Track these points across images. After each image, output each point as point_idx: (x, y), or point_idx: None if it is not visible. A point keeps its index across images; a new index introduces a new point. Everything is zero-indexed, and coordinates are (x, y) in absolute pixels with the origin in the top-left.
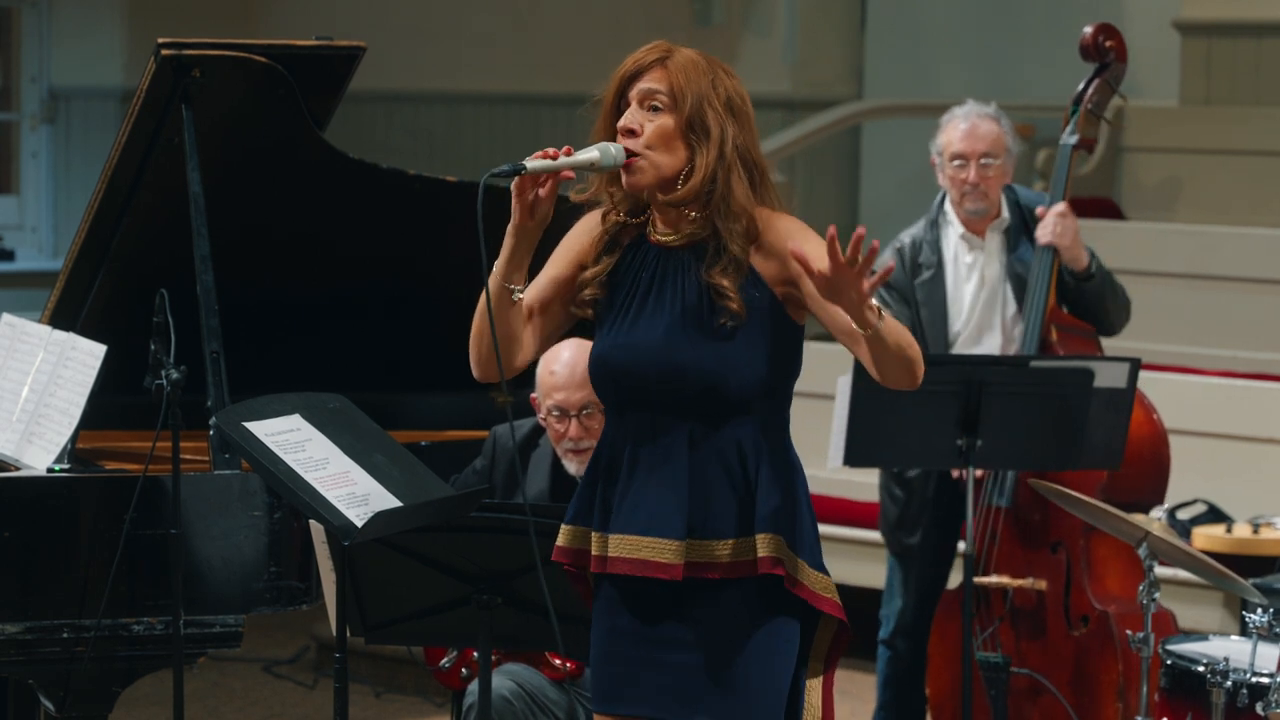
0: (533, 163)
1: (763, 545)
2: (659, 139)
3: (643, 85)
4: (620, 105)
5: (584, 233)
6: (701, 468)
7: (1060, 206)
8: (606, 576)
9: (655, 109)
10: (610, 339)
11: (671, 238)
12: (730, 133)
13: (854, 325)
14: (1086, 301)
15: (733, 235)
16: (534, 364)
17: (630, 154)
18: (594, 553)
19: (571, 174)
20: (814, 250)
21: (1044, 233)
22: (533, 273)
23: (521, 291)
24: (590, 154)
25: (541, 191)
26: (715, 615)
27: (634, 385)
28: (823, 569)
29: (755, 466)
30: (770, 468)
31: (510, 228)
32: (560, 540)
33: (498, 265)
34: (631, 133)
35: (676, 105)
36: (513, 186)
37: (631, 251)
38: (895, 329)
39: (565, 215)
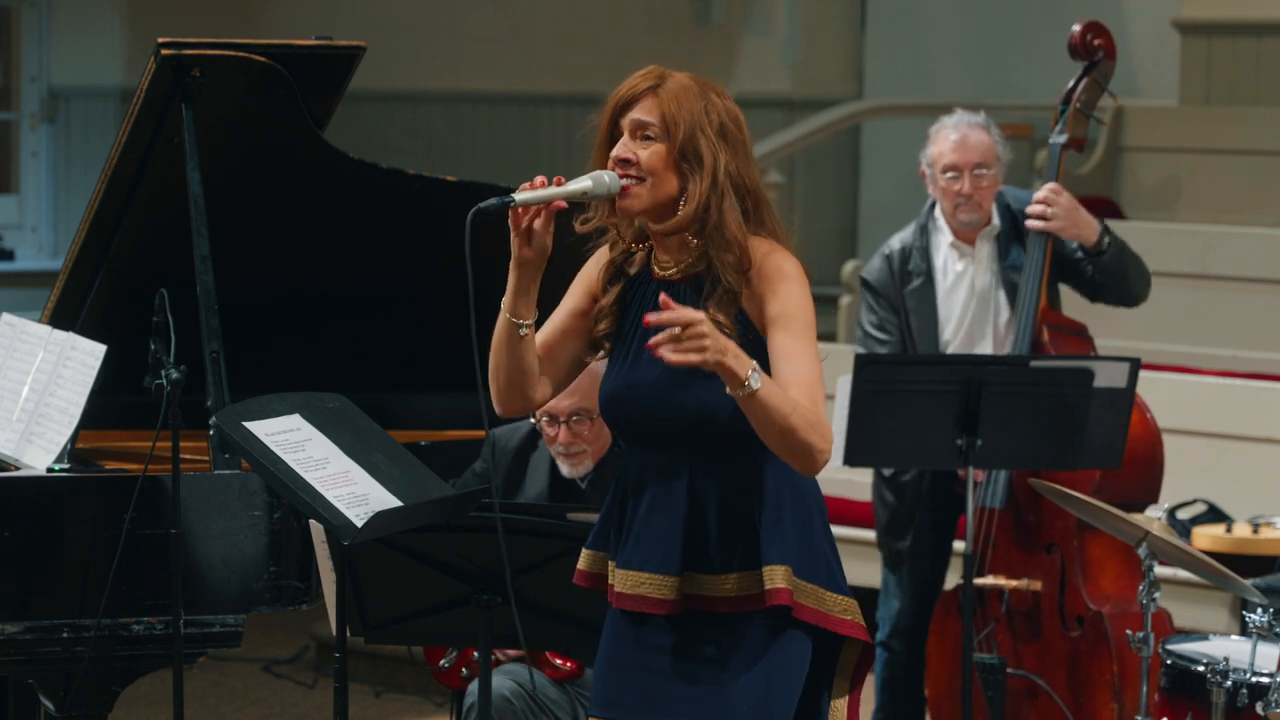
0: (522, 195)
1: (769, 578)
2: (653, 167)
3: (634, 116)
4: (614, 133)
5: (595, 264)
6: (703, 502)
7: (1049, 186)
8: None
9: (648, 138)
10: (614, 377)
11: (671, 270)
12: (723, 160)
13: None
14: (1106, 279)
15: (725, 266)
16: None
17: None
18: (610, 583)
19: (564, 204)
20: (782, 292)
21: (1033, 213)
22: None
23: (529, 325)
24: (583, 183)
25: (536, 224)
26: (722, 637)
27: (637, 422)
28: (843, 590)
29: (760, 498)
30: (776, 497)
31: (511, 262)
32: (580, 564)
33: (505, 300)
34: (626, 161)
35: (669, 134)
36: (509, 220)
37: (636, 285)
38: (776, 403)
39: (572, 245)
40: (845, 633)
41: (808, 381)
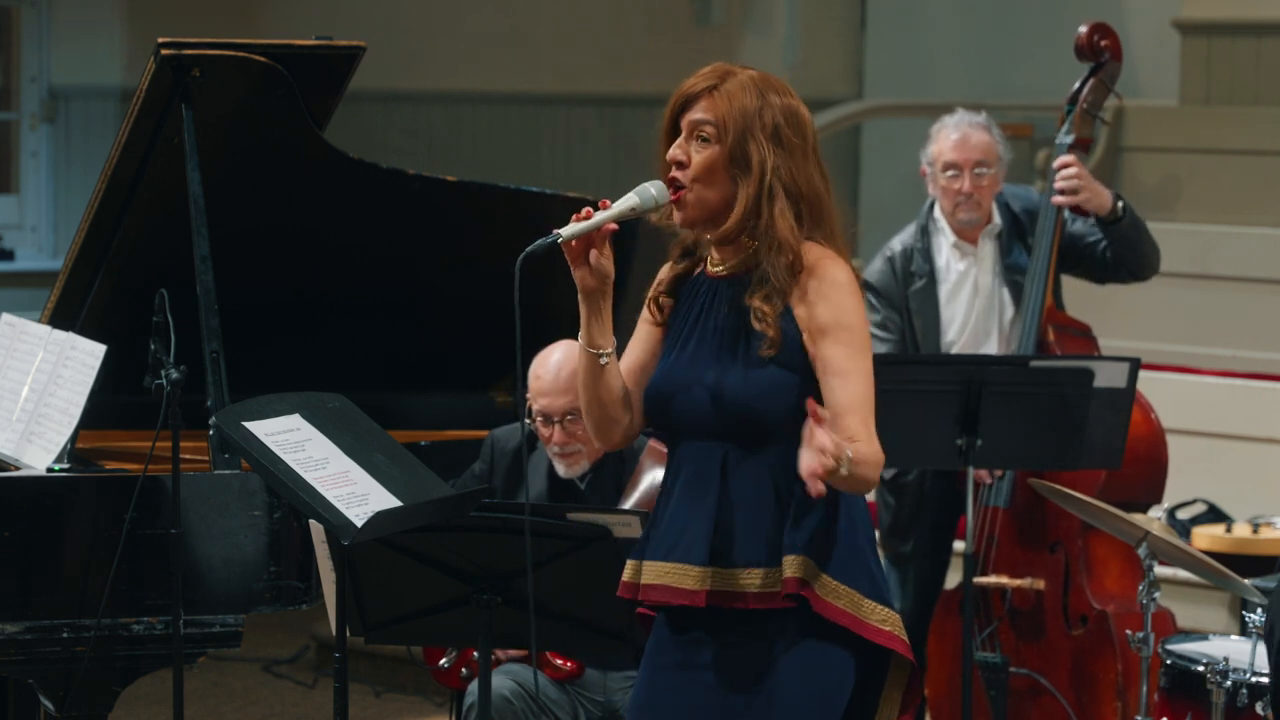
0: (569, 229)
1: (788, 567)
2: (703, 172)
3: (692, 116)
4: (676, 130)
5: (655, 285)
6: (733, 494)
7: (1065, 158)
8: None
9: (704, 140)
10: (660, 370)
11: (721, 268)
12: (771, 164)
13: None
14: (1121, 249)
15: (776, 268)
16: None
17: (677, 187)
18: (628, 578)
19: (615, 226)
20: (837, 300)
21: (1063, 188)
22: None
23: (609, 354)
24: (629, 201)
25: (593, 253)
26: (756, 643)
27: (675, 413)
28: (885, 601)
29: (792, 493)
30: (808, 494)
31: (579, 295)
32: (625, 575)
33: (580, 334)
34: (680, 164)
35: (721, 137)
36: (566, 256)
37: (691, 285)
38: (861, 472)
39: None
40: (883, 643)
41: (861, 402)
